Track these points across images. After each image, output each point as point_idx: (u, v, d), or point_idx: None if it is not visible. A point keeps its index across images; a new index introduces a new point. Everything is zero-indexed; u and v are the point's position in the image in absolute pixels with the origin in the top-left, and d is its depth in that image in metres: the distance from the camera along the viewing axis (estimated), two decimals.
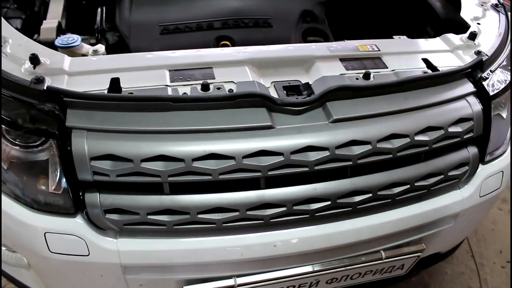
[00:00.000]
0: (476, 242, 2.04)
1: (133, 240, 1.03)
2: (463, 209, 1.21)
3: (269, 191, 1.01)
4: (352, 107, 1.05)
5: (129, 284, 1.10)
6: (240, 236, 1.05)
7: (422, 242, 1.25)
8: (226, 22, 1.52)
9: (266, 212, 1.01)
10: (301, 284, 1.17)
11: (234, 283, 1.10)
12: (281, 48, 1.18)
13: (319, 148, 0.99)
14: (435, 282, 1.86)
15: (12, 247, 1.14)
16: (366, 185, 1.06)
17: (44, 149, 0.98)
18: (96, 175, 0.94)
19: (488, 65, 1.21)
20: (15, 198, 1.04)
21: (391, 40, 1.29)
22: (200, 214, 0.99)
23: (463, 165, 1.16)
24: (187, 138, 0.96)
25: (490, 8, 1.41)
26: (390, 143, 1.04)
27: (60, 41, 1.17)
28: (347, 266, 1.17)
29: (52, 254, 1.03)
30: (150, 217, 0.98)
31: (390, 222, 1.14)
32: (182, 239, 1.04)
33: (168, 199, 0.98)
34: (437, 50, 1.24)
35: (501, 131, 1.25)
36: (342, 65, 1.13)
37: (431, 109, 1.10)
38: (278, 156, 0.97)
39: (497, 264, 1.96)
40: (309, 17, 1.64)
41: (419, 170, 1.11)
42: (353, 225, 1.11)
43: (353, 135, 1.01)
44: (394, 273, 1.28)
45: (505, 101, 1.23)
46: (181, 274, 1.10)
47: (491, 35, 1.30)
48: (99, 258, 1.03)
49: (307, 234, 1.08)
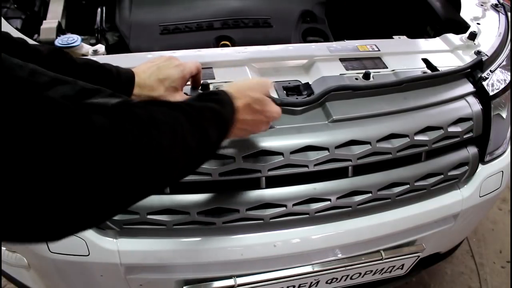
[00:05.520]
0: (476, 242, 2.04)
1: (133, 240, 1.03)
2: (463, 209, 1.21)
3: (268, 190, 1.02)
4: (352, 107, 1.05)
5: (129, 284, 1.10)
6: (240, 236, 1.05)
7: (422, 242, 1.25)
8: (226, 22, 1.52)
9: (266, 212, 1.02)
10: (301, 284, 1.17)
11: (234, 283, 1.10)
12: (281, 48, 1.18)
13: (318, 148, 0.99)
14: (435, 282, 1.86)
15: (12, 247, 1.14)
16: (366, 185, 1.06)
17: None
18: None
19: (488, 65, 1.21)
20: None
21: (391, 40, 1.29)
22: (200, 214, 0.99)
23: (463, 165, 1.17)
24: None
25: (490, 8, 1.41)
26: (390, 143, 1.04)
27: (60, 41, 1.17)
28: (347, 266, 1.17)
29: (52, 254, 1.03)
30: (149, 217, 0.98)
31: (390, 222, 1.14)
32: (182, 239, 1.04)
33: (168, 199, 0.98)
34: (437, 50, 1.24)
35: (501, 131, 1.25)
36: (342, 65, 1.13)
37: (431, 109, 1.10)
38: (278, 156, 0.97)
39: (497, 264, 1.96)
40: (309, 17, 1.64)
41: (418, 170, 1.11)
42: (353, 225, 1.11)
43: (353, 135, 1.02)
44: (394, 273, 1.28)
45: (505, 101, 1.23)
46: (181, 274, 1.10)
47: (491, 35, 1.30)
48: (99, 258, 1.03)
49: (307, 234, 1.08)
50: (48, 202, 0.45)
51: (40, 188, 0.43)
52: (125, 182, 0.52)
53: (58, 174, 0.44)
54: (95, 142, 0.47)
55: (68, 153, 0.45)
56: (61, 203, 0.46)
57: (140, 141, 0.53)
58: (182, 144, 0.61)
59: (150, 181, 0.57)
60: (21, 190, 0.42)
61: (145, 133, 0.54)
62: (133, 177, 0.53)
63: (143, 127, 0.55)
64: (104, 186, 0.49)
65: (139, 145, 0.53)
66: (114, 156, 0.49)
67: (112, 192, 0.51)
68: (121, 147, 0.50)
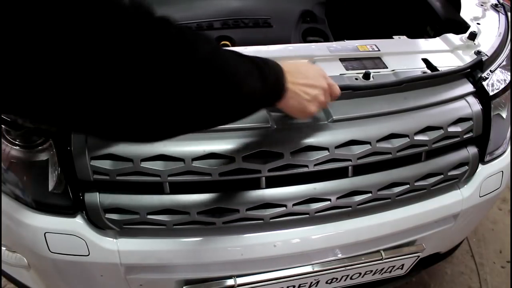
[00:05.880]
0: (476, 242, 2.04)
1: (133, 240, 1.03)
2: (463, 209, 1.21)
3: (268, 190, 1.02)
4: (352, 107, 1.05)
5: (129, 284, 1.10)
6: (240, 236, 1.05)
7: (422, 242, 1.25)
8: (226, 22, 1.52)
9: (266, 212, 1.02)
10: (301, 284, 1.17)
11: (234, 283, 1.10)
12: (281, 48, 1.18)
13: (318, 148, 0.99)
14: (435, 282, 1.86)
15: (12, 247, 1.14)
16: (366, 185, 1.06)
17: (44, 149, 0.98)
18: (96, 175, 0.94)
19: (488, 65, 1.21)
20: (15, 198, 1.04)
21: (391, 40, 1.29)
22: (199, 214, 0.99)
23: (463, 165, 1.17)
24: (187, 138, 0.96)
25: (490, 8, 1.41)
26: (390, 142, 1.04)
27: None
28: (347, 266, 1.17)
29: (52, 254, 1.03)
30: (150, 217, 0.98)
31: (390, 222, 1.14)
32: (182, 239, 1.04)
33: (168, 199, 0.98)
34: (437, 50, 1.23)
35: (501, 131, 1.25)
36: (342, 65, 1.13)
37: (431, 109, 1.10)
38: (278, 156, 0.97)
39: (497, 264, 1.96)
40: (309, 17, 1.65)
41: (419, 169, 1.11)
42: (353, 225, 1.11)
43: (353, 135, 1.01)
44: (394, 273, 1.28)
45: (505, 101, 1.23)
46: (181, 274, 1.10)
47: (491, 35, 1.29)
48: (99, 258, 1.03)
49: (307, 234, 1.08)
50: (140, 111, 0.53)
51: (142, 95, 0.51)
52: (203, 95, 0.60)
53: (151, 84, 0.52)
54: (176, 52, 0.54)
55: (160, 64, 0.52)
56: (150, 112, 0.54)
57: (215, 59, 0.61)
58: (242, 79, 0.67)
59: (218, 99, 0.63)
60: (122, 99, 0.50)
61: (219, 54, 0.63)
62: (206, 92, 0.60)
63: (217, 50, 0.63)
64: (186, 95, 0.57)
65: (215, 63, 0.61)
66: (193, 68, 0.56)
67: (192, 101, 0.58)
68: (199, 62, 0.58)
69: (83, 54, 0.45)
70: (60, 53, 0.44)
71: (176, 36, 0.56)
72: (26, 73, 0.44)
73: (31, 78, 0.44)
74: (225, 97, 0.65)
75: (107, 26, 0.47)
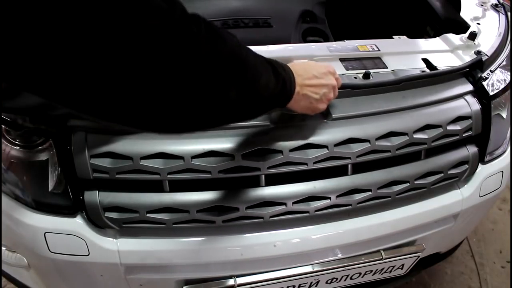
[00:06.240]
0: (476, 242, 2.04)
1: (133, 240, 1.03)
2: (463, 209, 1.21)
3: (268, 189, 1.02)
4: (351, 105, 1.05)
5: (129, 284, 1.10)
6: (240, 236, 1.05)
7: (422, 242, 1.25)
8: (226, 22, 1.53)
9: (265, 210, 1.02)
10: (301, 284, 1.17)
11: (234, 283, 1.10)
12: (281, 48, 1.18)
13: (318, 146, 1.00)
14: (435, 282, 1.86)
15: (12, 247, 1.14)
16: (366, 183, 1.06)
17: (44, 149, 0.98)
18: (95, 173, 0.94)
19: (488, 65, 1.21)
20: (15, 198, 1.04)
21: (391, 40, 1.29)
22: (199, 212, 0.99)
23: (463, 164, 1.17)
24: (187, 137, 0.96)
25: (490, 8, 1.41)
26: (389, 141, 1.04)
27: None
28: (347, 266, 1.17)
29: (52, 254, 1.03)
30: (149, 215, 0.98)
31: (390, 222, 1.14)
32: (182, 239, 1.04)
33: (168, 197, 0.98)
34: (437, 50, 1.24)
35: (501, 131, 1.25)
36: (342, 65, 1.13)
37: (430, 107, 1.10)
38: (277, 154, 0.97)
39: (497, 264, 1.96)
40: (309, 17, 1.65)
41: (418, 168, 1.11)
42: (353, 225, 1.11)
43: (352, 133, 1.02)
44: (394, 273, 1.28)
45: (505, 101, 1.23)
46: (181, 274, 1.10)
47: (491, 35, 1.29)
48: (99, 258, 1.03)
49: (307, 234, 1.08)
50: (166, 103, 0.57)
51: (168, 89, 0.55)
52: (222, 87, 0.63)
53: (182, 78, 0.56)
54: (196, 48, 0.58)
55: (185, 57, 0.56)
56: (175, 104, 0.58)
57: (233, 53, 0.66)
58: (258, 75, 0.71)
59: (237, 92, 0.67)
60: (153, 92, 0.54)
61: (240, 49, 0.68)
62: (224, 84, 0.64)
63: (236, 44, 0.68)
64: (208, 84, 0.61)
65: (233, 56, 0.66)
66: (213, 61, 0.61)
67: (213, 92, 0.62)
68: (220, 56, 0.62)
69: (127, 47, 0.49)
70: (104, 48, 0.47)
71: (209, 30, 0.61)
72: (76, 67, 0.48)
73: (77, 72, 0.48)
74: (246, 86, 0.69)
75: (149, 24, 0.51)
